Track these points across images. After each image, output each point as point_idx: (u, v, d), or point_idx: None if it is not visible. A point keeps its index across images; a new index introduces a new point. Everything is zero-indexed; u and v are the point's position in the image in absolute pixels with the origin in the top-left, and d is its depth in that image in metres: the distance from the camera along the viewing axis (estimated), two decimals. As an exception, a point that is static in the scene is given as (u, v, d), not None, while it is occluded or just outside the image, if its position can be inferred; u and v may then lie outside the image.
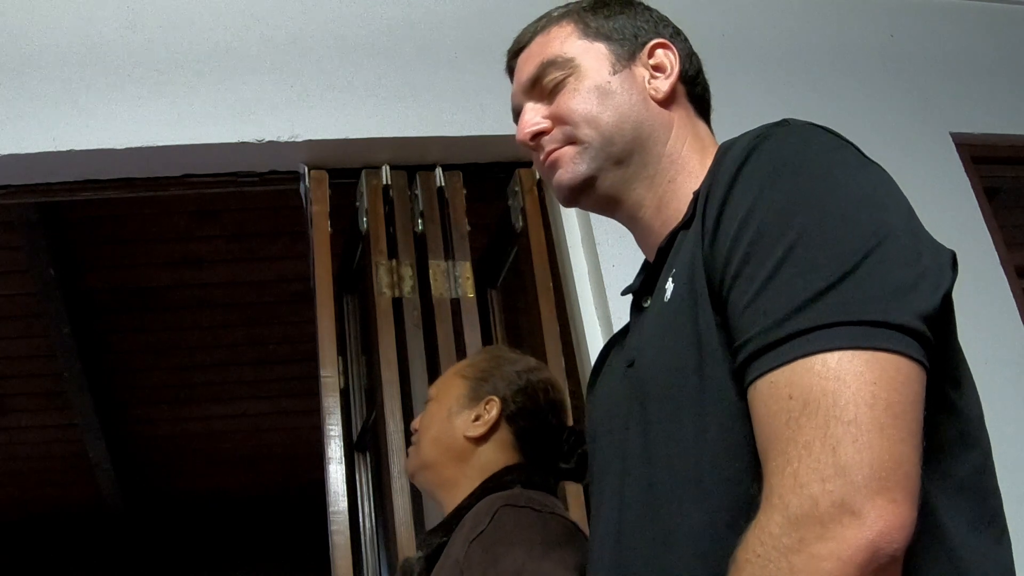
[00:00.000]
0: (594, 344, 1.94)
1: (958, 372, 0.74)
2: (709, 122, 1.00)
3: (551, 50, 0.97)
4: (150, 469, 5.13)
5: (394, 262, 2.06)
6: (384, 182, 2.15)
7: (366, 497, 2.26)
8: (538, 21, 1.02)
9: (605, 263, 1.96)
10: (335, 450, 1.91)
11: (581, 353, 1.99)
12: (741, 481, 0.70)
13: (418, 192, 2.15)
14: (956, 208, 2.22)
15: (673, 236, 0.86)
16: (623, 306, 1.32)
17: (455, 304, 2.07)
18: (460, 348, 2.00)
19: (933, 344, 0.67)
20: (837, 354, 0.64)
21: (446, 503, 1.31)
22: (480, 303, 2.17)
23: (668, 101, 0.95)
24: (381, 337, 1.98)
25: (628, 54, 0.96)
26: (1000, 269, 2.16)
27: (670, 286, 0.81)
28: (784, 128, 0.77)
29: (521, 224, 2.16)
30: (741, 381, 0.70)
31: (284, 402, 4.74)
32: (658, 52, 0.96)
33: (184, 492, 5.35)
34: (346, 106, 2.09)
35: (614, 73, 0.94)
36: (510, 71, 1.04)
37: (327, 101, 2.08)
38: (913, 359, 0.64)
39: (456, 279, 2.07)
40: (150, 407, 4.68)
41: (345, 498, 1.87)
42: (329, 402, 1.93)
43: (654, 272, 0.88)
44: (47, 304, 3.87)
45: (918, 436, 0.63)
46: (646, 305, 0.88)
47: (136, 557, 5.38)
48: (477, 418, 1.32)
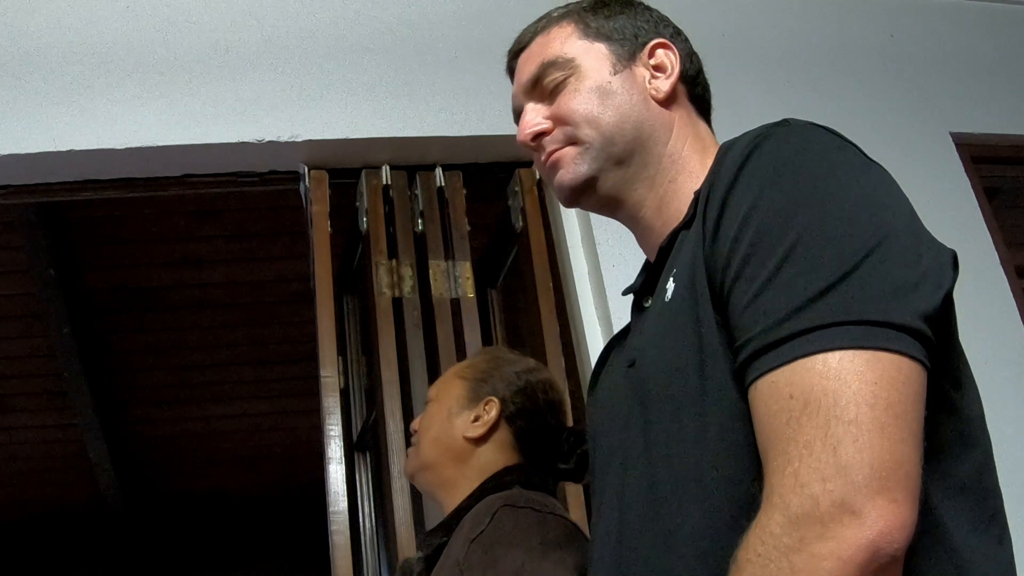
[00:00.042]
0: (594, 344, 1.94)
1: (959, 372, 0.74)
2: (710, 122, 1.00)
3: (551, 50, 0.97)
4: (150, 469, 5.13)
5: (394, 262, 2.06)
6: (384, 182, 2.15)
7: (366, 497, 2.26)
8: (538, 21, 1.02)
9: (605, 263, 1.96)
10: (335, 450, 1.91)
11: (581, 353, 1.99)
12: (742, 481, 0.70)
13: (418, 192, 2.15)
14: (956, 208, 2.22)
15: (674, 236, 0.86)
16: (623, 306, 1.32)
17: (455, 304, 2.07)
18: (460, 348, 2.00)
19: (934, 344, 0.67)
20: (838, 354, 0.64)
21: (446, 504, 1.31)
22: (480, 303, 2.17)
23: (669, 101, 0.95)
24: (381, 337, 1.98)
25: (628, 54, 0.96)
26: (1000, 269, 2.16)
27: (671, 286, 0.81)
28: (785, 128, 0.77)
29: (521, 224, 2.16)
30: (742, 381, 0.70)
31: (284, 402, 4.74)
32: (658, 52, 0.96)
33: (184, 492, 5.35)
34: (346, 106, 2.09)
35: (615, 73, 0.94)
36: (510, 71, 1.04)
37: (327, 101, 2.08)
38: (914, 359, 0.64)
39: (456, 279, 2.07)
40: (150, 407, 4.68)
41: (345, 498, 1.87)
42: (329, 402, 1.93)
43: (655, 272, 0.88)
44: (47, 304, 3.87)
45: (919, 436, 0.63)
46: (647, 305, 0.88)
47: (136, 557, 5.38)
48: (476, 419, 1.32)
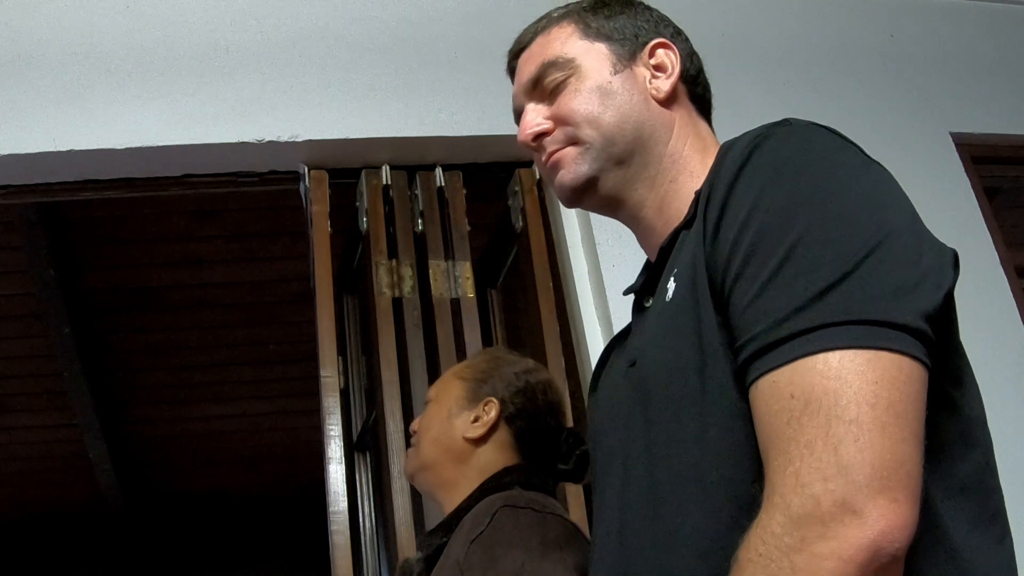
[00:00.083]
0: (594, 344, 1.94)
1: (960, 371, 0.74)
2: (710, 122, 1.00)
3: (552, 51, 0.97)
4: (150, 469, 5.13)
5: (394, 262, 2.06)
6: (384, 182, 2.15)
7: (366, 497, 2.26)
8: (538, 21, 1.02)
9: (605, 263, 1.96)
10: (335, 450, 1.91)
11: (581, 353, 1.99)
12: (743, 480, 0.70)
13: (418, 192, 2.15)
14: (956, 208, 2.22)
15: (675, 236, 0.86)
16: (623, 306, 1.32)
17: (455, 304, 2.06)
18: (460, 348, 2.00)
19: (935, 343, 0.67)
20: (839, 353, 0.64)
21: (446, 504, 1.31)
22: (480, 303, 2.17)
23: (669, 101, 0.95)
24: (381, 337, 1.98)
25: (629, 54, 0.96)
26: (1000, 269, 2.16)
27: (672, 286, 0.81)
28: (786, 128, 0.77)
29: (521, 224, 2.16)
30: (743, 381, 0.70)
31: (284, 402, 4.74)
32: (659, 52, 0.96)
33: (184, 492, 5.35)
34: (346, 106, 2.09)
35: (615, 73, 0.94)
36: (511, 71, 1.04)
37: (327, 101, 2.08)
38: (915, 358, 0.64)
39: (456, 279, 2.07)
40: (150, 407, 4.68)
41: (345, 498, 1.87)
42: (329, 402, 1.93)
43: (656, 272, 0.88)
44: (47, 304, 3.87)
45: (920, 435, 0.63)
46: (648, 305, 0.88)
47: (136, 557, 5.38)
48: (476, 419, 1.32)
